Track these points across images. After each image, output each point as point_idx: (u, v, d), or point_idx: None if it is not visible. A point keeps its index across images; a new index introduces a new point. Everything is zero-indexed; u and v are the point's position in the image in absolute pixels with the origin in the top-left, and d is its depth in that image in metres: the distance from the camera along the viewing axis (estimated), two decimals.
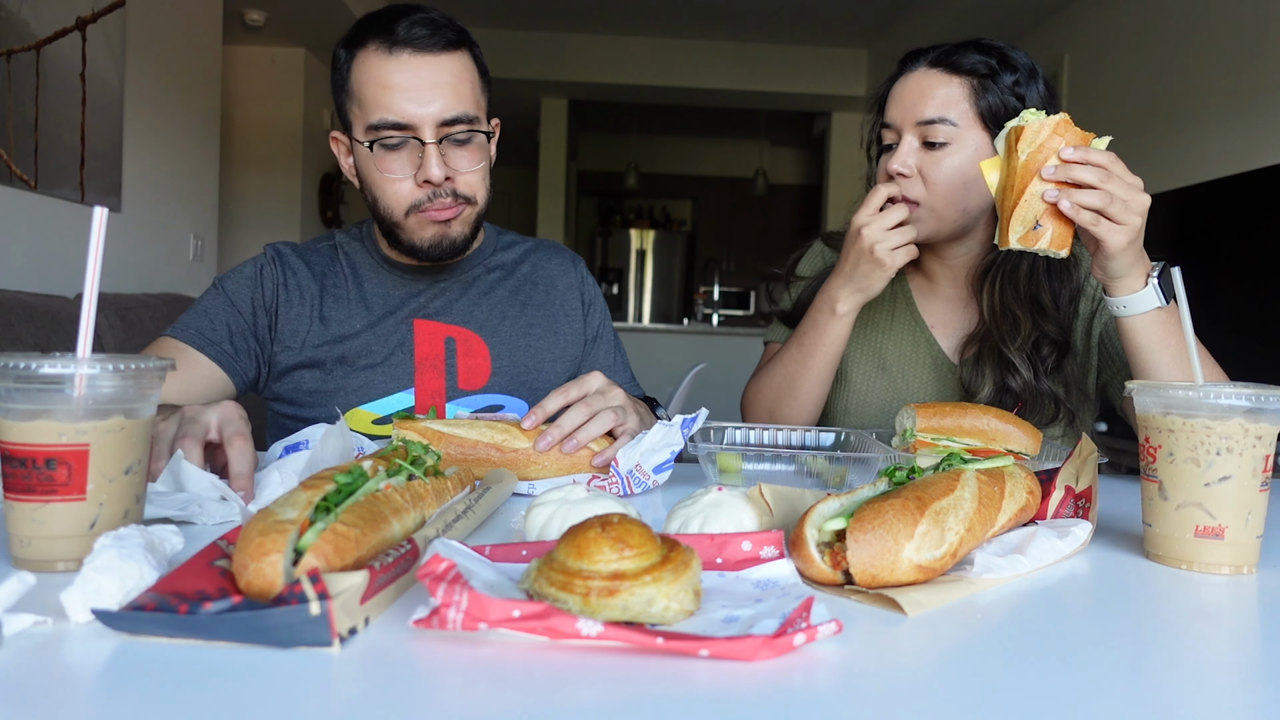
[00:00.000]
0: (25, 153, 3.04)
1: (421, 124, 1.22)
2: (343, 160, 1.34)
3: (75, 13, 3.26)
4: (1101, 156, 1.03)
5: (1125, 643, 0.62)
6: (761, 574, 0.66)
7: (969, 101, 1.27)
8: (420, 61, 1.22)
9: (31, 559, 0.66)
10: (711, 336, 6.37)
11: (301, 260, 1.40)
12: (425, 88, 1.21)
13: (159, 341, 1.32)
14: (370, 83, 1.22)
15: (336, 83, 1.29)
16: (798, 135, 8.64)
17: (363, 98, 1.23)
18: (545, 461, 1.05)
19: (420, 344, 1.37)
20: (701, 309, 9.00)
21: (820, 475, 1.07)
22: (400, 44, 1.21)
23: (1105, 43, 4.54)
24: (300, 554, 0.57)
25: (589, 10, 6.23)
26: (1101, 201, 1.03)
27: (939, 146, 1.26)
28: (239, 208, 5.60)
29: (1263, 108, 3.40)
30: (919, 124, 1.27)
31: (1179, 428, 0.78)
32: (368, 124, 1.23)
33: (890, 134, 1.31)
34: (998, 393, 1.34)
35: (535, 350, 1.44)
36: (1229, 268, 3.46)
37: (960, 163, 1.26)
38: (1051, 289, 1.32)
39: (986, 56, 1.29)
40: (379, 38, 1.22)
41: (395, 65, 1.21)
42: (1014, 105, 1.29)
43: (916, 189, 1.27)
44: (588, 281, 1.55)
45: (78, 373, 0.65)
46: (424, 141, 1.22)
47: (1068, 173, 1.03)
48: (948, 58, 1.29)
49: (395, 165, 1.24)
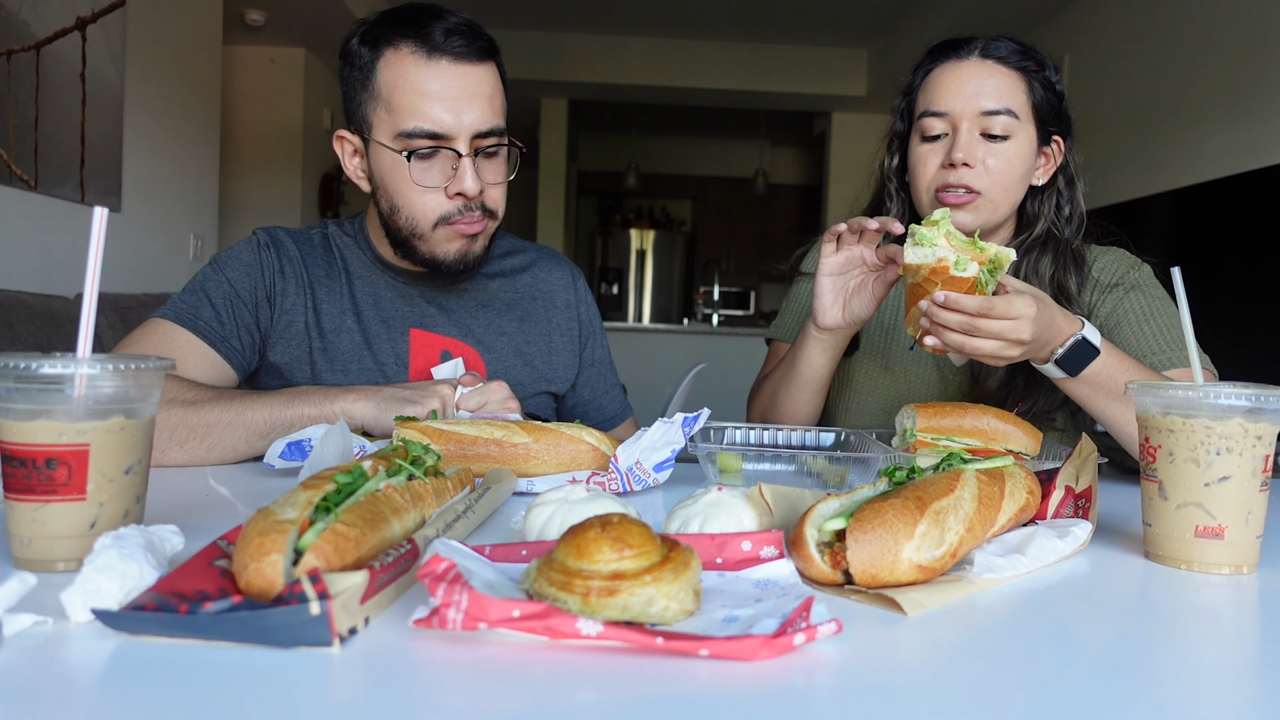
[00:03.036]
0: (25, 153, 3.04)
1: (458, 135, 1.19)
2: (347, 160, 1.30)
3: (75, 13, 3.26)
4: (972, 304, 1.03)
5: (1125, 643, 0.62)
6: (761, 574, 0.66)
7: (1025, 95, 1.30)
8: (460, 70, 1.19)
9: (32, 559, 0.66)
10: (711, 336, 6.38)
11: (296, 247, 1.35)
12: (464, 98, 1.19)
13: (154, 324, 1.24)
14: (405, 87, 1.19)
15: (355, 80, 1.24)
16: (798, 135, 8.64)
17: (394, 102, 1.19)
18: (545, 457, 1.05)
19: (416, 355, 1.35)
20: (701, 309, 9.01)
21: (820, 475, 1.07)
22: (439, 51, 1.18)
23: (1105, 43, 4.54)
24: (300, 554, 0.57)
25: (589, 10, 6.23)
26: (967, 347, 1.06)
27: (998, 139, 1.28)
28: (239, 208, 5.60)
29: (1263, 108, 3.40)
30: (982, 114, 1.28)
31: (1179, 428, 0.78)
32: (400, 130, 1.19)
33: (940, 123, 1.31)
34: (1010, 375, 1.35)
35: (530, 369, 1.43)
36: (1229, 268, 3.47)
37: (1019, 155, 1.29)
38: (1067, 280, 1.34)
39: (1028, 50, 1.31)
40: (414, 40, 1.19)
41: (434, 72, 1.18)
42: (1055, 105, 1.32)
43: (981, 179, 1.28)
44: (585, 300, 1.53)
45: (78, 373, 0.65)
46: (459, 153, 1.20)
47: (935, 316, 1.05)
48: (997, 51, 1.30)
49: (428, 176, 1.22)
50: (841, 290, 1.24)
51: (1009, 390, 1.35)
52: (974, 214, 1.29)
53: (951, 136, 1.30)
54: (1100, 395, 1.12)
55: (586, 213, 9.80)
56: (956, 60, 1.31)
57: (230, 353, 1.28)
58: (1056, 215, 1.36)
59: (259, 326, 1.31)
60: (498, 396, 1.19)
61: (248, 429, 1.12)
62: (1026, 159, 1.30)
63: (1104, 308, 1.35)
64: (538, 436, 1.05)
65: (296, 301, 1.33)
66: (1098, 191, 4.47)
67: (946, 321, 1.05)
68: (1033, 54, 1.32)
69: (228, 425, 1.12)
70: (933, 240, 1.05)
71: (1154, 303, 1.34)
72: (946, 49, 1.34)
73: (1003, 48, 1.30)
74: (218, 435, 1.12)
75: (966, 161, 1.27)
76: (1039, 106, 1.30)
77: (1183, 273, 0.88)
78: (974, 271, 1.04)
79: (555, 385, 1.47)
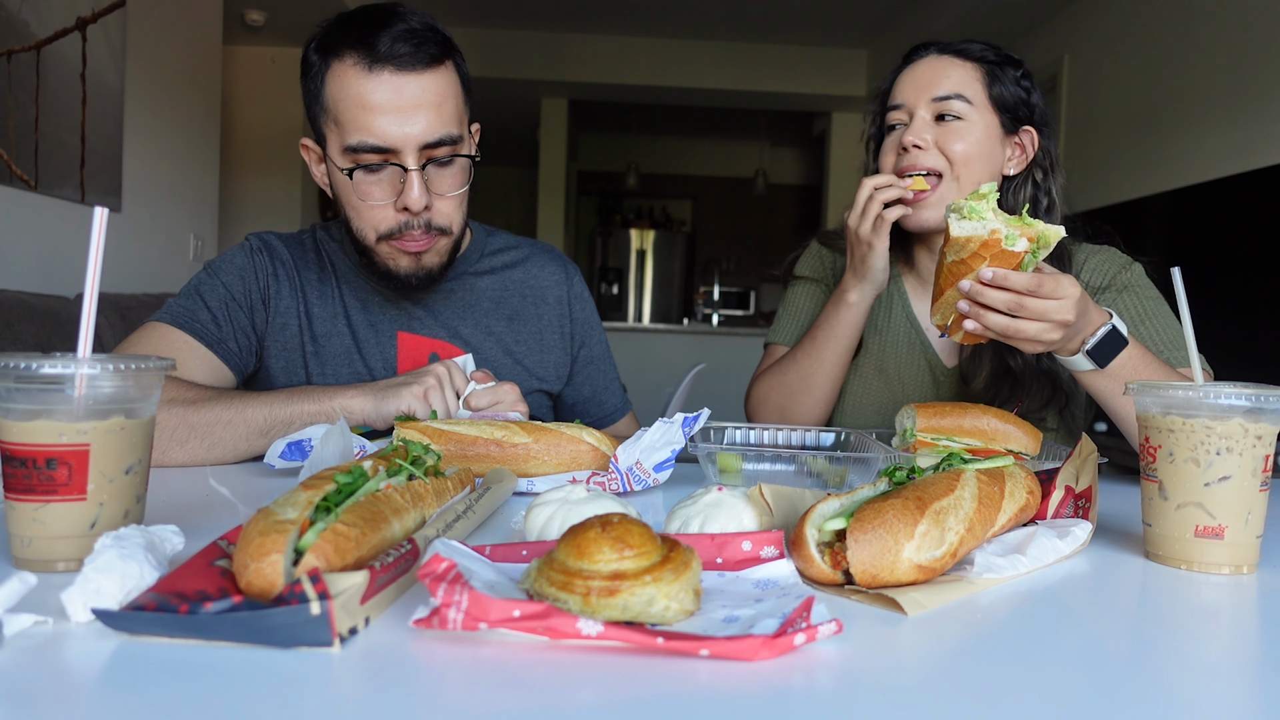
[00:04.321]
0: (25, 153, 3.04)
1: (404, 147, 1.16)
2: (314, 168, 1.29)
3: (75, 13, 3.26)
4: (1022, 281, 0.98)
5: (1125, 643, 0.62)
6: (761, 574, 0.66)
7: (981, 84, 1.33)
8: (402, 81, 1.15)
9: (32, 559, 0.66)
10: (711, 336, 6.37)
11: (287, 251, 1.36)
12: (408, 109, 1.15)
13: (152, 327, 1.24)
14: (348, 101, 1.16)
15: (309, 90, 1.22)
16: (798, 135, 8.64)
17: (339, 116, 1.17)
18: (545, 458, 1.05)
19: (404, 358, 1.35)
20: (701, 309, 9.00)
21: (820, 475, 1.07)
22: (381, 61, 1.15)
23: (1105, 43, 4.54)
24: (300, 554, 0.57)
25: (589, 10, 6.22)
26: (1010, 330, 1.01)
27: (953, 120, 1.31)
28: (239, 208, 5.60)
29: (1262, 108, 3.40)
30: (933, 100, 1.32)
31: (1179, 428, 0.78)
32: (345, 144, 1.17)
33: (900, 115, 1.35)
34: (995, 377, 1.35)
35: (520, 368, 1.42)
36: (1229, 268, 3.46)
37: (974, 135, 1.31)
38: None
39: (992, 47, 1.35)
40: (357, 51, 1.16)
41: (375, 84, 1.15)
42: (1021, 97, 1.34)
43: (933, 158, 1.31)
44: (580, 297, 1.51)
45: (78, 373, 0.65)
46: (405, 168, 1.17)
47: (980, 295, 0.99)
48: (956, 46, 1.35)
49: (375, 190, 1.20)
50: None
51: (995, 393, 1.34)
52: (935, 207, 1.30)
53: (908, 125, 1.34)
54: (1119, 390, 1.11)
55: (586, 213, 9.80)
56: (918, 60, 1.37)
57: (228, 355, 1.28)
58: (1034, 209, 1.37)
59: (255, 329, 1.31)
60: (509, 398, 1.20)
61: (248, 427, 1.13)
62: (983, 140, 1.32)
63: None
64: (538, 437, 1.05)
65: (290, 305, 1.33)
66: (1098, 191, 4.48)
67: (992, 301, 0.99)
68: (997, 51, 1.36)
69: (228, 424, 1.12)
70: (981, 214, 0.99)
71: (1147, 303, 1.34)
72: (909, 53, 1.39)
73: (962, 44, 1.35)
74: (218, 434, 1.12)
75: (917, 144, 1.31)
76: (1000, 96, 1.33)
77: (1182, 273, 0.88)
78: (1024, 247, 0.98)
79: (548, 384, 1.46)
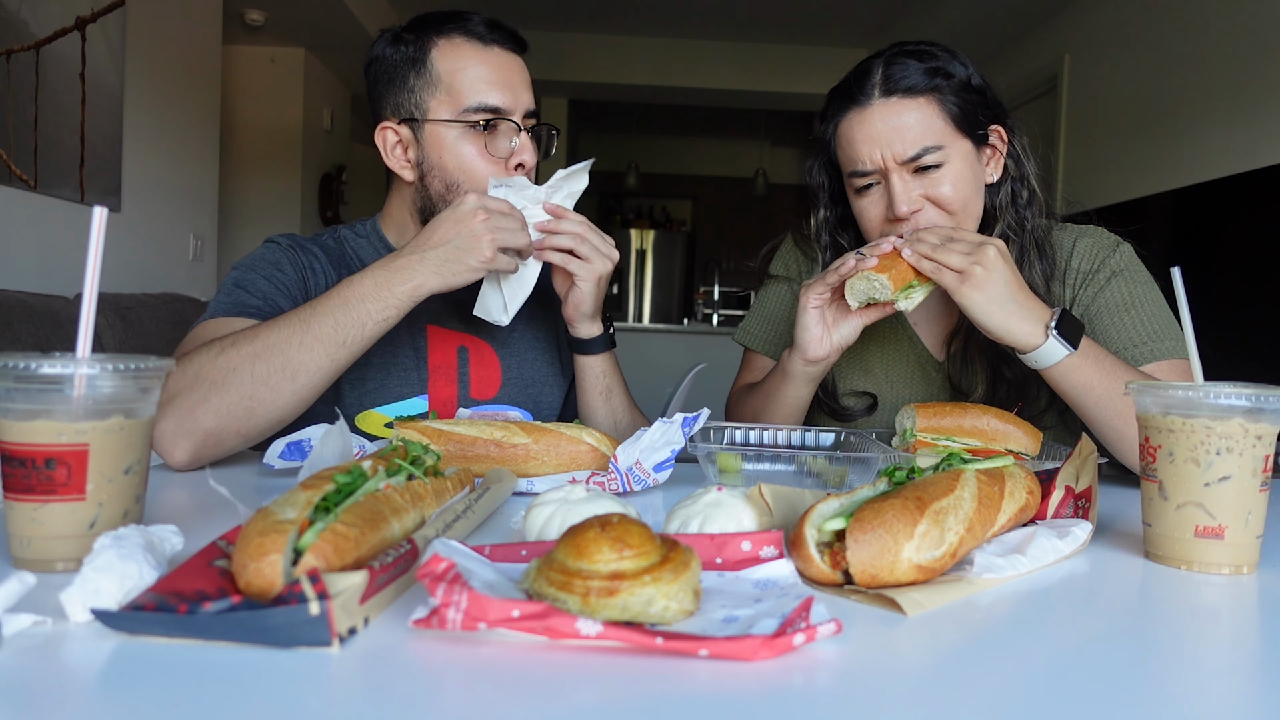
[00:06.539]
0: (25, 153, 3.03)
1: (515, 111, 1.31)
2: (389, 153, 1.32)
3: (75, 13, 3.26)
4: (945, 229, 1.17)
5: (1125, 643, 0.62)
6: (761, 574, 0.66)
7: (940, 118, 1.23)
8: (508, 58, 1.33)
9: (31, 559, 0.66)
10: (711, 336, 6.36)
11: (315, 247, 1.37)
12: (516, 82, 1.32)
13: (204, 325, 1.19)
14: (466, 71, 1.29)
15: (399, 73, 1.30)
16: (798, 135, 8.64)
17: (456, 84, 1.29)
18: (545, 458, 1.05)
19: (434, 351, 1.37)
20: (701, 309, 8.99)
21: (820, 475, 1.07)
22: (489, 40, 1.31)
23: (1105, 43, 4.54)
24: (300, 554, 0.57)
25: (589, 10, 6.22)
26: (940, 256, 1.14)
27: (933, 169, 1.23)
28: (239, 208, 5.60)
29: (1263, 108, 3.40)
30: (904, 161, 1.22)
31: (1179, 428, 0.78)
32: (466, 106, 1.28)
33: (869, 177, 1.26)
34: (992, 386, 1.34)
35: (541, 364, 1.46)
36: (1229, 268, 3.47)
37: (959, 176, 1.24)
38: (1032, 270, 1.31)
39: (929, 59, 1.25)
40: (463, 33, 1.30)
41: (489, 57, 1.30)
42: (973, 101, 1.25)
43: (929, 215, 1.24)
44: None
45: (77, 373, 0.65)
46: (519, 127, 1.31)
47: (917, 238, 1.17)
48: (899, 83, 1.23)
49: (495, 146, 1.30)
50: (824, 320, 1.25)
51: (992, 396, 1.34)
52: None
53: (885, 185, 1.25)
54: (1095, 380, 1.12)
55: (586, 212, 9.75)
56: (860, 109, 1.24)
57: None
58: (1014, 204, 1.32)
59: None
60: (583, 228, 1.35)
61: (323, 343, 1.08)
62: (967, 174, 1.25)
63: (1085, 297, 1.32)
64: (537, 437, 1.05)
65: None
66: (1098, 191, 4.48)
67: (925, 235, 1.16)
68: (934, 60, 1.24)
69: (299, 345, 1.07)
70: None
71: (1135, 288, 1.30)
72: (847, 95, 1.27)
73: (904, 74, 1.23)
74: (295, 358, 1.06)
75: (911, 210, 1.23)
76: (959, 116, 1.24)
77: (1182, 273, 0.88)
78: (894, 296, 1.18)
79: (565, 378, 1.50)
